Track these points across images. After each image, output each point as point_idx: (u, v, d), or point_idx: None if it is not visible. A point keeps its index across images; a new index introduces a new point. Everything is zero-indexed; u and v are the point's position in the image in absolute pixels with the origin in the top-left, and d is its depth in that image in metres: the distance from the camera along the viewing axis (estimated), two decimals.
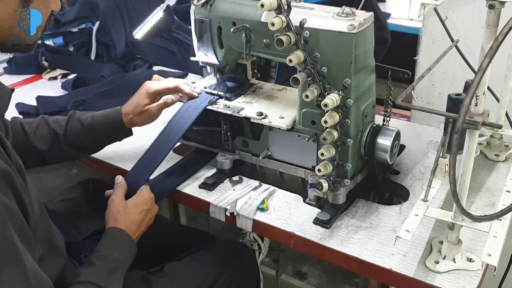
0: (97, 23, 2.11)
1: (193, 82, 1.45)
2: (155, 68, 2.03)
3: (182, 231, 1.61)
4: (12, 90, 0.92)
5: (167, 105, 1.31)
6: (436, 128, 1.51)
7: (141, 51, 2.08)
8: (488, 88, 1.20)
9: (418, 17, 0.76)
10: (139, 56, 2.08)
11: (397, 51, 2.21)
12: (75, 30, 2.12)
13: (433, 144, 1.42)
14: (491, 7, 0.80)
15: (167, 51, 2.08)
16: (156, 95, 1.31)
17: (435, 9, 1.35)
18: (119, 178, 1.25)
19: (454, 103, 1.23)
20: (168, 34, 2.11)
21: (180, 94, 1.33)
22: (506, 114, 1.32)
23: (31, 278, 0.79)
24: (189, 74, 1.98)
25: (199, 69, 1.92)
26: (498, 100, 1.31)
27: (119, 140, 1.36)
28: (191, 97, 1.34)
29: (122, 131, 1.32)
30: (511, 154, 1.36)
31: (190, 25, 2.23)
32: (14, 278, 0.77)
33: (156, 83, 1.32)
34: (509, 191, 1.08)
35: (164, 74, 1.49)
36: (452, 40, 1.33)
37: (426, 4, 0.79)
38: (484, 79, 0.87)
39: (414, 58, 2.73)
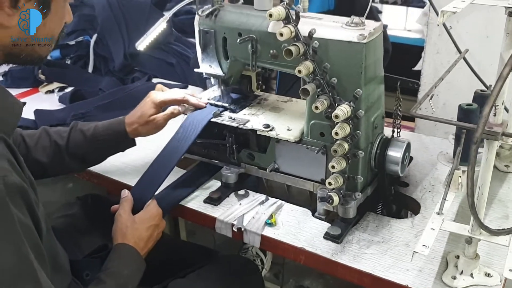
0: (94, 36, 2.08)
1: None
2: (154, 80, 2.00)
3: (185, 246, 1.57)
4: (24, 103, 0.91)
5: (173, 115, 1.29)
6: (443, 139, 1.49)
7: (140, 63, 2.05)
8: None
9: (438, 25, 0.73)
10: (137, 68, 2.06)
11: (395, 62, 2.20)
12: (72, 43, 2.09)
13: (443, 155, 1.40)
14: (511, 14, 0.78)
15: (166, 63, 2.06)
16: (162, 105, 1.28)
17: None
18: (125, 193, 1.22)
19: (465, 113, 1.21)
20: (166, 46, 2.09)
21: (186, 105, 1.31)
22: None
23: None
24: (189, 86, 1.95)
25: (199, 81, 1.90)
26: (507, 110, 1.29)
27: (122, 151, 1.33)
28: (197, 109, 1.32)
29: (125, 141, 1.29)
30: None
31: (188, 37, 2.24)
32: None
33: (162, 93, 1.30)
34: None
35: (166, 86, 1.46)
36: (459, 51, 1.31)
37: (445, 12, 0.77)
38: (504, 88, 0.84)
39: (413, 68, 2.73)
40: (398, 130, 1.23)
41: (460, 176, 1.16)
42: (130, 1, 2.10)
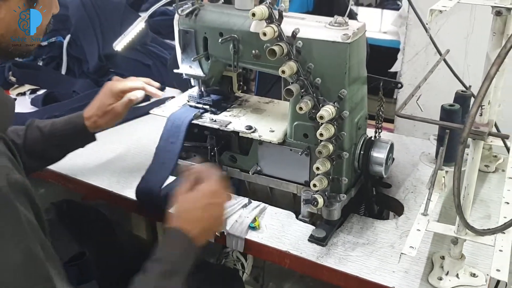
0: (68, 37, 2.02)
1: (173, 97, 1.41)
2: None
3: None
4: (15, 99, 0.88)
5: (131, 102, 1.27)
6: (424, 139, 1.50)
7: (115, 64, 2.00)
8: None
9: (426, 23, 0.73)
10: (113, 70, 2.00)
11: (371, 64, 2.21)
12: (44, 43, 2.03)
13: (425, 155, 1.40)
14: (497, 14, 0.78)
15: (142, 65, 2.02)
16: (121, 95, 1.26)
17: (421, 22, 1.33)
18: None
19: (448, 114, 1.21)
20: (142, 47, 2.04)
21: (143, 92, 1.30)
22: (495, 125, 1.30)
23: None
24: (166, 88, 1.91)
25: (177, 83, 1.86)
26: None
27: (82, 147, 1.29)
28: (155, 97, 1.33)
29: (84, 136, 1.26)
30: (500, 164, 1.35)
31: (164, 38, 2.19)
32: None
33: (120, 83, 1.28)
34: (508, 203, 1.05)
35: None
36: (440, 52, 1.31)
37: (434, 11, 0.77)
38: (490, 88, 0.84)
39: (389, 70, 2.74)
40: (380, 131, 1.22)
41: (443, 177, 1.16)
42: (104, 1, 2.05)
